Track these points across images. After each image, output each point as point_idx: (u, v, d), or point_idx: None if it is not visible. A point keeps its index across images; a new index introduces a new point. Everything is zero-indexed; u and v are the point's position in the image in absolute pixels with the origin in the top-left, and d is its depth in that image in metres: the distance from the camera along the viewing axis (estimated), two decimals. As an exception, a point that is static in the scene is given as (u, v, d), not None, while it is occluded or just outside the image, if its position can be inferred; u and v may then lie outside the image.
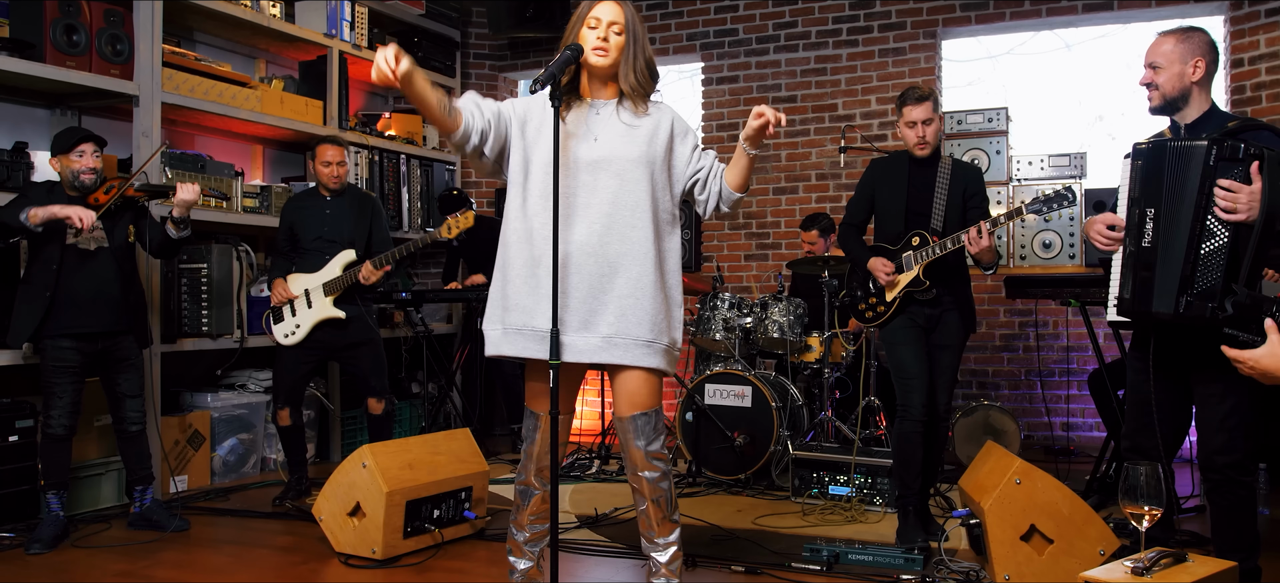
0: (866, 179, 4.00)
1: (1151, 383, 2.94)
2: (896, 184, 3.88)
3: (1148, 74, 2.99)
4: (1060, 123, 9.06)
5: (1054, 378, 5.90)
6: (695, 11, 6.80)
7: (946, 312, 3.82)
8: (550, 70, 2.50)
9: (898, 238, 3.85)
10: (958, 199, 3.80)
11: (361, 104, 6.90)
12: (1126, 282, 2.86)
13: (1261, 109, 5.40)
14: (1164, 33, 3.00)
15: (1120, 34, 6.93)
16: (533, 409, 2.80)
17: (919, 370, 3.76)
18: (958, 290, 3.84)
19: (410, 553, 3.73)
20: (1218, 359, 2.75)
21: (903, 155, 3.91)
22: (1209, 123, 2.95)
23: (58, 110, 4.85)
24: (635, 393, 2.70)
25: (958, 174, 3.84)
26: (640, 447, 2.71)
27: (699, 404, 4.94)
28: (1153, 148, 2.86)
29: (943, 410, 3.85)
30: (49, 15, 4.36)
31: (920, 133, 3.77)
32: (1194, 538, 3.79)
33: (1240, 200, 2.64)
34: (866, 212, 4.01)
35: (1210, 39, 3.00)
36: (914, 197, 3.85)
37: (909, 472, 3.80)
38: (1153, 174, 2.82)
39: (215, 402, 5.21)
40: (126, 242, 4.14)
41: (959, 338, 3.83)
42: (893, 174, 3.91)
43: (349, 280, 4.56)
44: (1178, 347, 2.89)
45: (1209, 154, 2.70)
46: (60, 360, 3.95)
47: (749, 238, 6.67)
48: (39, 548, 3.83)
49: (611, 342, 2.65)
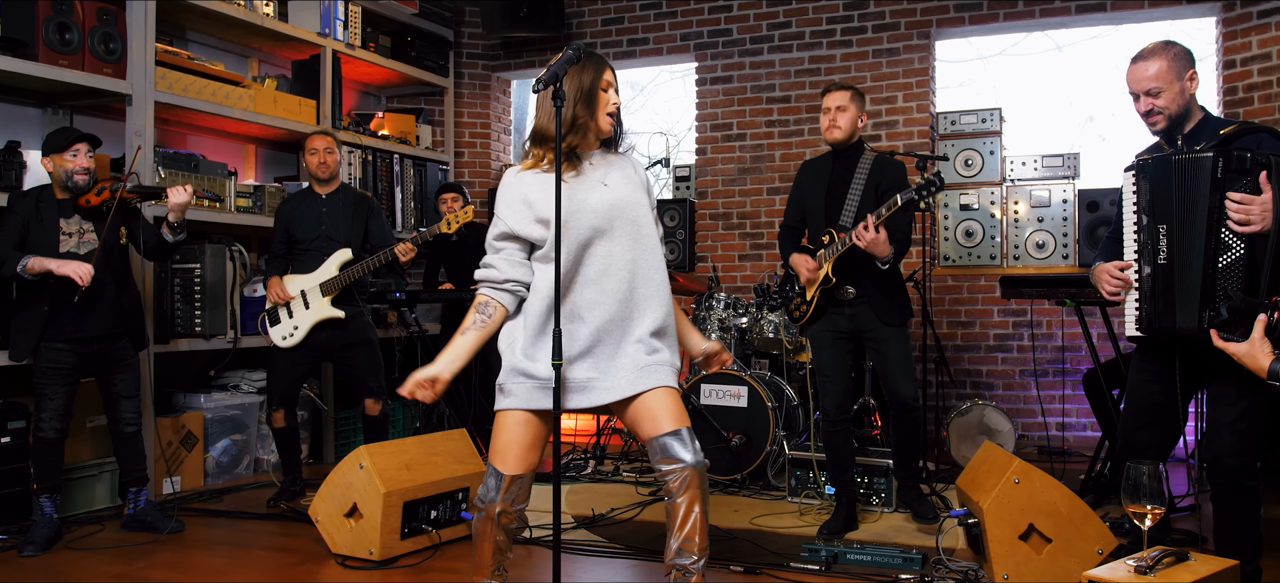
0: (796, 180, 4.15)
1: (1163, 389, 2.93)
2: (819, 183, 4.01)
3: (1147, 102, 2.92)
4: (1051, 123, 9.08)
5: (1048, 378, 5.92)
6: (689, 11, 6.80)
7: (862, 309, 3.91)
8: (553, 70, 2.49)
9: (819, 236, 3.98)
10: (871, 194, 3.86)
11: (355, 103, 6.88)
12: (1146, 299, 2.84)
13: (1254, 110, 5.42)
14: (1145, 56, 2.94)
15: (1111, 35, 6.97)
16: (497, 468, 2.63)
17: (834, 373, 3.97)
18: (870, 286, 3.89)
19: (407, 554, 3.72)
20: (1229, 363, 2.76)
21: (829, 154, 4.04)
22: (1206, 130, 2.93)
23: (50, 109, 4.82)
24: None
25: (875, 169, 3.92)
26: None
27: (695, 404, 4.93)
28: (1157, 163, 2.84)
29: (907, 400, 3.93)
30: (41, 14, 4.33)
31: (833, 117, 3.90)
32: (1190, 537, 3.80)
33: (1253, 212, 2.63)
34: (799, 213, 4.12)
35: (1187, 47, 2.99)
36: (832, 195, 3.95)
37: (837, 467, 4.04)
38: (1160, 190, 2.81)
39: (208, 402, 5.18)
40: (119, 244, 4.11)
41: (887, 331, 3.90)
42: (818, 174, 4.04)
43: (347, 280, 4.53)
44: (1195, 353, 2.86)
45: (1216, 166, 2.69)
46: (54, 363, 3.92)
47: (743, 238, 6.67)
48: (32, 550, 3.80)
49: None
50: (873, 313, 3.90)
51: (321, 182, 4.70)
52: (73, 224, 3.99)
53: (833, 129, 3.90)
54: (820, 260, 3.90)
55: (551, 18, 6.74)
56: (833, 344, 3.98)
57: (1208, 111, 3.00)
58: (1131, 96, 2.99)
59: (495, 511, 2.63)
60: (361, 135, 6.20)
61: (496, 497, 2.62)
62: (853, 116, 3.89)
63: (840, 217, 3.90)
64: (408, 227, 6.53)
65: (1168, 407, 2.95)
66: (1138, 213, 2.88)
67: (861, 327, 3.94)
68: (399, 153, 6.51)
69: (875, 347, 3.96)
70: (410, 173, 6.61)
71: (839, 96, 3.90)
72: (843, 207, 3.90)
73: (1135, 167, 2.91)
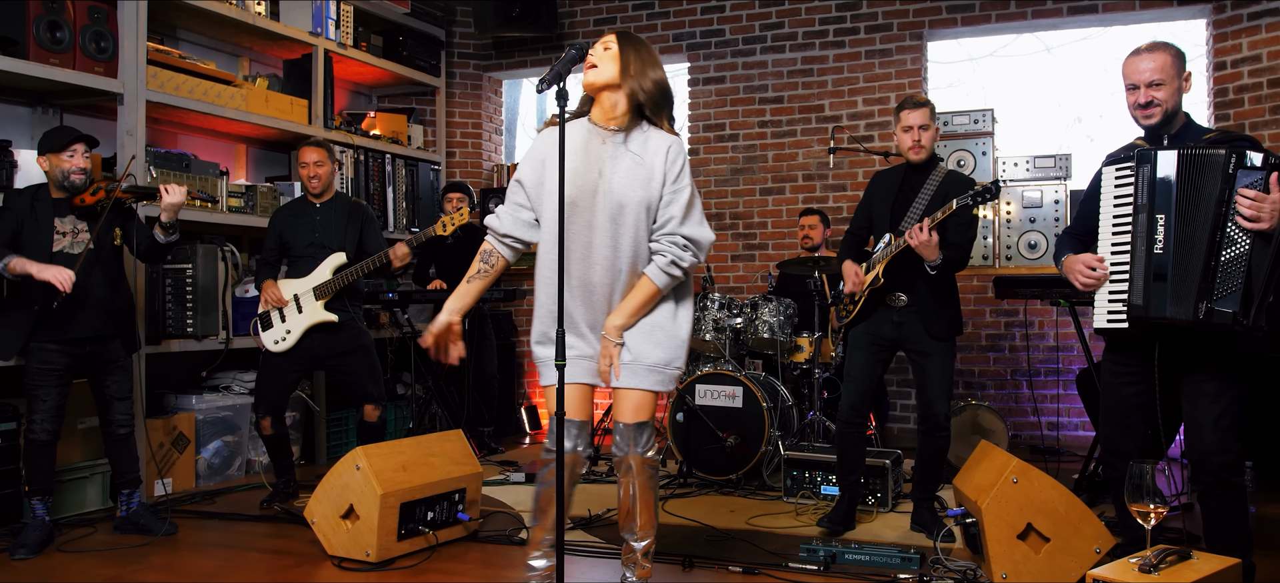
0: (867, 190, 4.11)
1: (1140, 388, 2.99)
2: (888, 193, 3.98)
3: (1148, 93, 2.95)
4: (1040, 124, 9.13)
5: (1041, 378, 5.95)
6: (681, 12, 6.80)
7: (912, 319, 3.87)
8: (556, 69, 2.49)
9: (881, 241, 3.96)
10: (938, 205, 3.82)
11: (346, 103, 6.86)
12: (1136, 287, 2.86)
13: (1244, 111, 5.47)
14: (1148, 50, 2.98)
15: (1100, 37, 7.01)
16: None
17: (860, 376, 3.95)
18: (923, 296, 3.85)
19: (404, 555, 3.70)
20: (1212, 360, 2.80)
21: (902, 166, 3.99)
22: (1190, 134, 2.99)
23: (40, 108, 4.77)
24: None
25: (946, 183, 3.88)
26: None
27: (690, 405, 4.93)
28: (1163, 153, 2.87)
29: (940, 418, 3.86)
30: (32, 12, 4.29)
31: (916, 137, 3.85)
32: (1182, 535, 3.82)
33: (1264, 209, 2.67)
34: (865, 221, 4.09)
35: (1183, 50, 3.04)
36: (899, 204, 3.93)
37: (844, 466, 4.04)
38: (1163, 181, 2.83)
39: (200, 404, 5.15)
40: (112, 245, 4.08)
41: (933, 345, 3.84)
42: (888, 183, 4.01)
43: (341, 283, 4.50)
44: (1170, 349, 2.91)
45: (1228, 162, 2.72)
46: (46, 364, 3.88)
47: (736, 238, 6.68)
48: (24, 553, 3.76)
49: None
50: (922, 325, 3.85)
51: (315, 193, 4.67)
52: (67, 223, 3.95)
53: (916, 150, 3.85)
54: (874, 262, 3.88)
55: (544, 18, 6.73)
56: (869, 347, 3.93)
57: (1191, 117, 3.05)
58: (1128, 88, 3.01)
59: (582, 454, 2.86)
60: (353, 135, 6.17)
61: (581, 445, 2.84)
62: (933, 134, 3.87)
63: (902, 223, 3.86)
64: (400, 227, 6.51)
65: (1148, 406, 2.99)
66: (1133, 201, 2.90)
67: (906, 337, 3.89)
68: (391, 153, 6.48)
69: (918, 359, 3.88)
70: (402, 173, 6.58)
71: (919, 115, 3.83)
72: (907, 214, 3.87)
73: (1134, 154, 2.92)
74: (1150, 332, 2.90)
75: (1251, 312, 2.68)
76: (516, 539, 3.94)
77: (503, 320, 6.88)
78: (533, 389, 7.19)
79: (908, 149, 3.87)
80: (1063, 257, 3.13)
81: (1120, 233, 2.93)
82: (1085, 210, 3.16)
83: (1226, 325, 2.70)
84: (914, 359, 3.92)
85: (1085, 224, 3.14)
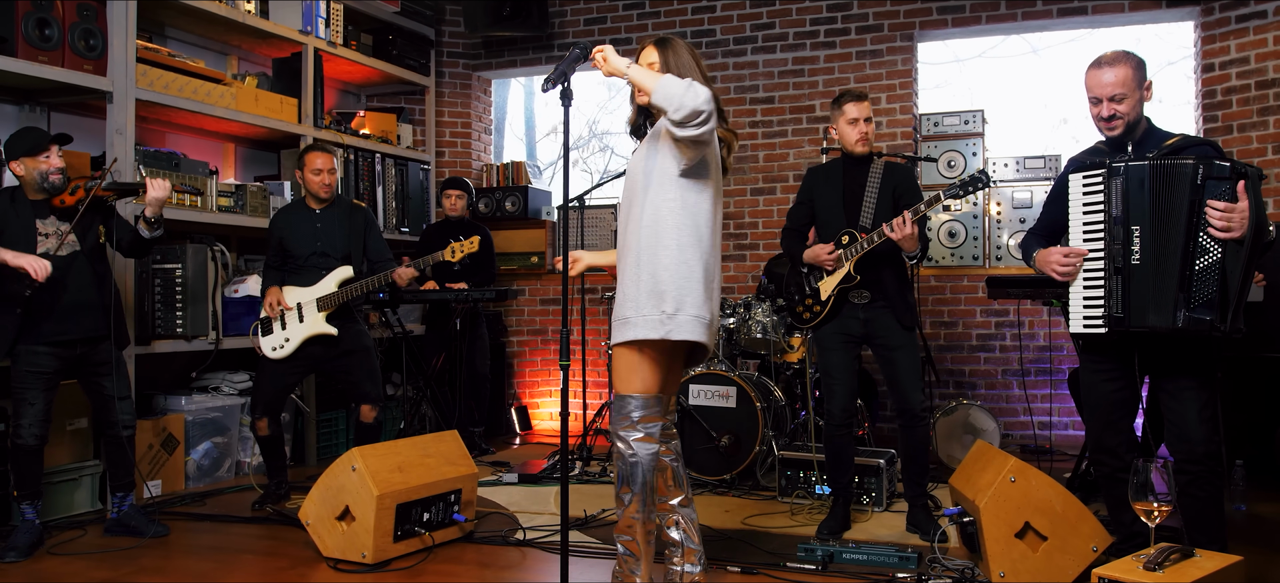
0: (805, 185, 4.14)
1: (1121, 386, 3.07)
2: (833, 187, 4.01)
3: (1110, 107, 3.03)
4: (1026, 126, 9.17)
5: (1031, 377, 5.98)
6: (672, 12, 6.79)
7: (880, 313, 3.91)
8: (560, 68, 2.48)
9: (837, 237, 3.97)
10: (888, 197, 3.90)
11: (335, 102, 6.82)
12: (1112, 297, 2.93)
13: (1232, 113, 5.51)
14: (1109, 62, 3.05)
15: (1087, 39, 7.07)
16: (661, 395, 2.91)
17: (841, 376, 3.95)
18: (891, 289, 3.90)
19: (400, 557, 3.68)
20: (1188, 359, 2.91)
21: (838, 161, 4.06)
22: (1151, 140, 3.07)
23: (27, 106, 4.72)
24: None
25: (888, 174, 3.95)
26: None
27: (683, 405, 4.93)
28: (1132, 166, 2.93)
29: (918, 409, 3.91)
30: (20, 9, 4.24)
31: (862, 129, 3.91)
32: (1171, 533, 3.85)
33: (1234, 219, 2.75)
34: (806, 217, 4.13)
35: (1143, 59, 3.10)
36: (849, 197, 3.96)
37: (838, 469, 4.04)
38: (1135, 192, 2.91)
39: (189, 405, 5.10)
40: (97, 243, 4.04)
41: (903, 336, 3.90)
42: (828, 178, 4.05)
43: (344, 297, 4.48)
44: (1155, 350, 2.99)
45: (1197, 173, 2.80)
46: (34, 366, 3.84)
47: (727, 238, 6.68)
48: (15, 556, 3.72)
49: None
50: (893, 317, 3.89)
51: (318, 198, 4.64)
52: (50, 225, 3.91)
53: (862, 142, 3.91)
54: (842, 259, 3.90)
55: (535, 17, 6.71)
56: (842, 347, 3.96)
57: (1151, 122, 3.12)
58: (1091, 101, 3.10)
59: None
60: (343, 135, 6.14)
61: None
62: (872, 125, 3.96)
63: (859, 218, 3.90)
64: (390, 226, 6.47)
65: (1130, 403, 3.10)
66: (1104, 212, 2.96)
67: (875, 331, 3.92)
68: (380, 152, 6.45)
69: (888, 353, 3.91)
70: (392, 172, 6.55)
71: (863, 107, 3.90)
72: (861, 208, 3.91)
73: (1108, 170, 2.97)
74: (1129, 339, 2.98)
75: (1227, 317, 2.77)
76: (512, 541, 3.93)
77: (494, 320, 6.86)
78: (523, 389, 7.17)
79: (854, 142, 3.92)
80: (1033, 253, 3.22)
81: (1092, 237, 3.01)
82: (1052, 212, 3.25)
83: (1204, 331, 2.79)
84: (883, 354, 3.95)
85: (1051, 227, 3.24)
